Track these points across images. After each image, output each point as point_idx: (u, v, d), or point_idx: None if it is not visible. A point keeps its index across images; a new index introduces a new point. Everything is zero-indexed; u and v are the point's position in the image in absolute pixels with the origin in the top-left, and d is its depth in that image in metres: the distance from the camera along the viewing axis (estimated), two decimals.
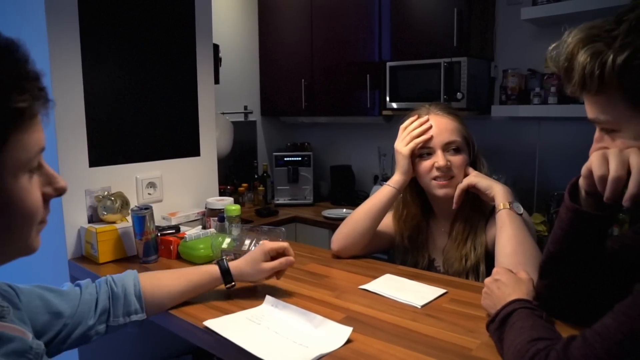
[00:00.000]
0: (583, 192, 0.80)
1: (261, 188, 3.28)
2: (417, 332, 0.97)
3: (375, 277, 1.27)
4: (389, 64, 2.82)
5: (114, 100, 1.60)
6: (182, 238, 1.49)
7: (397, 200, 1.45)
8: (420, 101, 1.77)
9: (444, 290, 1.17)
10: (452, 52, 2.55)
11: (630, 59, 0.67)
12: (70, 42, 1.48)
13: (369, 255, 1.48)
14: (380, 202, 1.41)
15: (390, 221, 1.49)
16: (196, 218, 1.75)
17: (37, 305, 0.86)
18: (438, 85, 2.60)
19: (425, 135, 1.35)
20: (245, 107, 3.51)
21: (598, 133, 0.78)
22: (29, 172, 0.60)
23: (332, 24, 3.10)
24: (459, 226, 1.38)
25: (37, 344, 0.64)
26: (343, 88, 3.09)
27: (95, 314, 0.96)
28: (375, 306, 1.10)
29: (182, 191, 1.83)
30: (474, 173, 1.33)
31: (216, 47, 2.09)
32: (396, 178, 1.40)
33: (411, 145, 1.36)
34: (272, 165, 3.33)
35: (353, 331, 0.94)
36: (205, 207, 1.71)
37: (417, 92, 2.74)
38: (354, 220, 1.44)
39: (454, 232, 1.39)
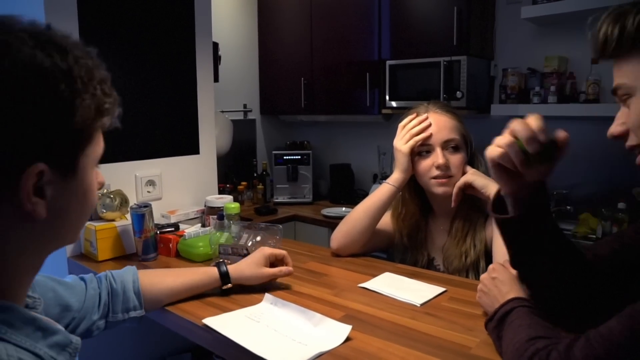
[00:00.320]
0: (507, 199, 0.83)
1: (260, 186, 3.28)
2: (416, 330, 0.97)
3: (375, 276, 1.28)
4: (388, 63, 2.82)
5: None
6: (181, 236, 1.49)
7: (396, 199, 1.45)
8: (419, 100, 1.77)
9: (443, 289, 1.18)
10: (451, 51, 2.55)
11: None
12: None
13: (368, 254, 1.48)
14: (379, 200, 1.41)
15: (390, 219, 1.49)
16: (195, 216, 1.75)
17: (50, 298, 0.86)
18: (438, 84, 2.60)
19: (425, 133, 1.35)
20: (244, 106, 3.51)
21: (620, 110, 0.75)
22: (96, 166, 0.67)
23: (331, 22, 3.10)
24: (458, 224, 1.38)
25: (76, 339, 0.64)
26: (342, 87, 3.09)
27: (99, 309, 0.98)
28: (374, 304, 1.10)
29: (182, 189, 1.83)
30: (471, 171, 1.33)
31: (215, 45, 2.08)
32: (395, 176, 1.40)
33: (411, 143, 1.36)
34: (271, 163, 3.33)
35: (352, 329, 0.94)
36: (205, 205, 1.71)
37: (416, 91, 2.74)
38: (353, 218, 1.44)
39: (453, 229, 1.39)
